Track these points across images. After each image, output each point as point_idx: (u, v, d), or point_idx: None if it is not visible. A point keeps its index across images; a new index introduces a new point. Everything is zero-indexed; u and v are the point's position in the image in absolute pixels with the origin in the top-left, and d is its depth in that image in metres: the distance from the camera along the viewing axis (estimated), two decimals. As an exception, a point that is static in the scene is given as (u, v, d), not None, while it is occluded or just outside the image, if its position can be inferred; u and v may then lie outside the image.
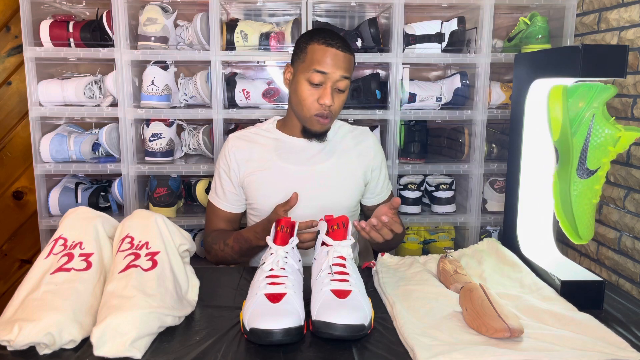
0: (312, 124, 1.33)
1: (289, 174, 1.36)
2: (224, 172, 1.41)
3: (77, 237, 0.99)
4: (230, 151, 1.40)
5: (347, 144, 1.43)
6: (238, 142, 1.41)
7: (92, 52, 1.74)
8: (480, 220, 1.87)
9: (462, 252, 1.26)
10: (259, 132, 1.44)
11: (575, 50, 1.00)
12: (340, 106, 1.34)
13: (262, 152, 1.39)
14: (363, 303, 0.89)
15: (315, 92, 1.30)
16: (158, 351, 0.84)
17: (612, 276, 1.50)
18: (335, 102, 1.31)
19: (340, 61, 1.28)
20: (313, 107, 1.30)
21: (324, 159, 1.39)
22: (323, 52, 1.28)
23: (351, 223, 1.05)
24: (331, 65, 1.27)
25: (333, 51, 1.28)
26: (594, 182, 1.03)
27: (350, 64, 1.32)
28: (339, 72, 1.28)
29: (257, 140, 1.42)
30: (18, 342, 0.81)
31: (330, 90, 1.29)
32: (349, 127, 1.48)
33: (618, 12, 1.52)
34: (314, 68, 1.27)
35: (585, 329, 0.89)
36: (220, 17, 1.76)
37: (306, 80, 1.29)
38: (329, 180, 1.38)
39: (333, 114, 1.33)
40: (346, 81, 1.31)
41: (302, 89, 1.30)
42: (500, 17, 2.01)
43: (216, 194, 1.43)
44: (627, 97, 1.46)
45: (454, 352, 0.80)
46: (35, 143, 1.80)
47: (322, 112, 1.30)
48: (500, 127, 2.00)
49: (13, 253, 2.20)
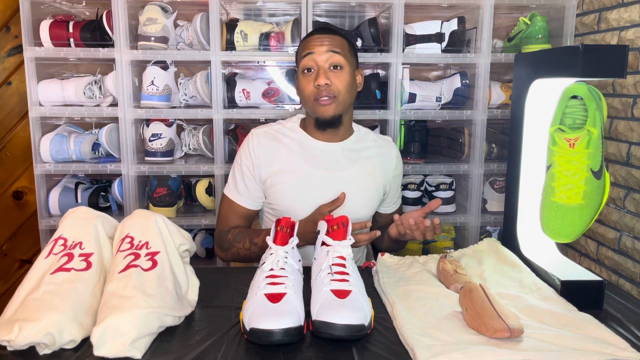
0: (317, 110, 1.32)
1: (312, 178, 1.35)
2: (247, 169, 1.37)
3: (77, 237, 0.99)
4: (255, 148, 1.37)
5: (370, 153, 1.43)
6: (262, 139, 1.38)
7: (92, 52, 1.74)
8: (480, 220, 1.87)
9: (462, 252, 1.26)
10: (283, 130, 1.41)
11: (575, 50, 1.00)
12: (345, 86, 1.31)
13: (287, 153, 1.37)
14: (363, 303, 0.89)
15: (310, 77, 1.31)
16: (158, 351, 0.84)
17: (612, 276, 1.50)
18: (334, 80, 1.29)
19: (324, 40, 1.31)
20: (312, 93, 1.31)
21: (348, 165, 1.38)
22: (306, 40, 1.35)
23: (351, 223, 1.05)
24: (316, 45, 1.31)
25: (315, 36, 1.34)
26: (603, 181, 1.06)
27: (339, 42, 1.33)
28: (324, 48, 1.30)
29: (282, 139, 1.39)
30: (18, 342, 0.81)
31: (322, 70, 1.29)
32: (373, 135, 1.47)
33: (618, 12, 1.52)
34: (302, 55, 1.32)
35: (585, 329, 0.89)
36: (220, 17, 1.76)
37: (301, 71, 1.33)
38: (351, 187, 1.35)
39: (336, 92, 1.30)
40: (338, 56, 1.30)
41: (300, 81, 1.34)
42: (500, 17, 2.01)
43: (237, 190, 1.38)
44: (627, 97, 1.46)
45: (454, 352, 0.80)
46: (35, 143, 1.80)
47: (320, 93, 1.29)
48: (500, 127, 2.00)
49: (13, 253, 2.20)
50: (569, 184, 1.04)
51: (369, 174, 1.40)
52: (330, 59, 1.30)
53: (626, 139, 1.46)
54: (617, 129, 1.49)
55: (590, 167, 1.02)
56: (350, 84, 1.33)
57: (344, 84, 1.31)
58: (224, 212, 1.41)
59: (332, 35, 1.33)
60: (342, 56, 1.31)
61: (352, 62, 1.35)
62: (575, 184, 1.03)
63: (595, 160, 1.02)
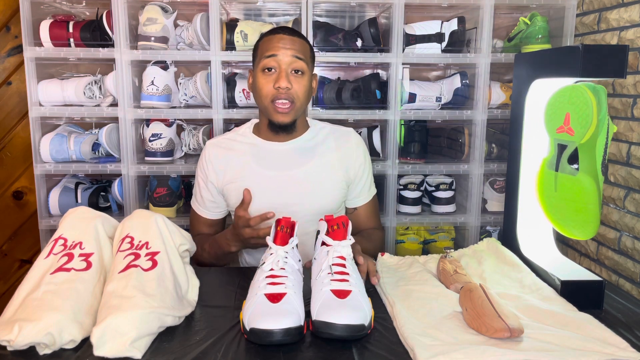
0: (272, 113, 1.30)
1: (266, 180, 1.34)
2: (202, 181, 1.41)
3: (77, 237, 0.99)
4: (208, 160, 1.39)
5: (328, 146, 1.41)
6: (215, 149, 1.40)
7: (92, 52, 1.74)
8: (480, 220, 1.87)
9: (462, 252, 1.26)
10: (236, 137, 1.42)
11: (575, 50, 1.00)
12: (304, 92, 1.30)
13: (239, 159, 1.37)
14: (363, 303, 0.89)
15: (270, 78, 1.28)
16: (158, 351, 0.84)
17: (612, 276, 1.50)
18: (295, 85, 1.28)
19: (287, 43, 1.29)
20: (270, 93, 1.28)
21: (302, 162, 1.37)
22: (269, 39, 1.30)
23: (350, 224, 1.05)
24: (279, 47, 1.28)
25: (279, 36, 1.30)
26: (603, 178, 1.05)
27: (303, 47, 1.31)
28: (289, 52, 1.27)
29: (234, 146, 1.40)
30: (18, 342, 0.81)
31: (285, 73, 1.27)
32: (330, 128, 1.45)
33: (618, 12, 1.52)
34: (264, 55, 1.29)
35: (585, 329, 0.89)
36: (220, 17, 1.76)
37: (261, 70, 1.30)
38: (307, 184, 1.35)
39: (295, 99, 1.29)
40: (301, 62, 1.29)
41: (259, 80, 1.30)
42: (500, 17, 2.01)
43: (196, 200, 1.45)
44: (627, 97, 1.46)
45: (454, 352, 0.80)
46: (35, 143, 1.80)
47: (278, 95, 1.27)
48: (500, 127, 2.00)
49: (13, 253, 2.20)
50: None
51: (326, 167, 1.38)
52: (293, 64, 1.28)
53: (626, 139, 1.46)
54: (617, 129, 1.49)
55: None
56: (309, 90, 1.33)
57: (303, 89, 1.30)
58: (191, 220, 1.49)
59: (296, 38, 1.31)
60: (305, 62, 1.30)
61: (311, 68, 1.35)
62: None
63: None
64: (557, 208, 1.10)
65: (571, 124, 1.04)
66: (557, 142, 1.09)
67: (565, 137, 1.06)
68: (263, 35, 1.36)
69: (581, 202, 1.04)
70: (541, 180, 1.13)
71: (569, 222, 1.08)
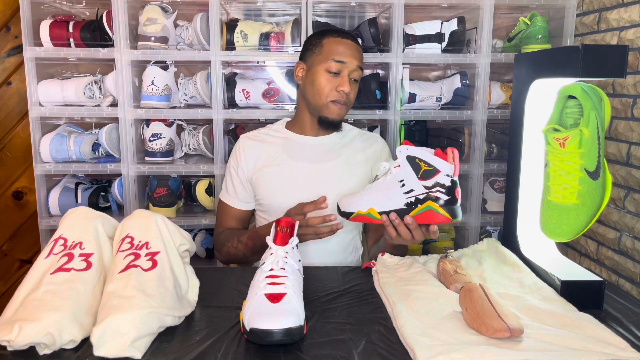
0: (329, 111, 1.39)
1: (296, 171, 1.40)
2: (234, 170, 1.45)
3: (77, 237, 0.99)
4: (241, 149, 1.45)
5: (355, 147, 1.48)
6: (248, 141, 1.47)
7: (92, 52, 1.74)
8: (480, 220, 1.87)
9: (462, 252, 1.26)
10: (269, 132, 1.49)
11: (575, 50, 1.00)
12: (354, 97, 1.42)
13: (271, 150, 1.44)
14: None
15: (333, 80, 1.37)
16: (158, 351, 0.84)
17: (612, 276, 1.50)
18: (352, 91, 1.39)
19: (355, 51, 1.39)
20: (331, 94, 1.37)
21: (330, 157, 1.43)
22: (339, 43, 1.38)
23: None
24: (349, 55, 1.37)
25: (348, 42, 1.39)
26: None
27: (362, 56, 1.42)
28: (355, 62, 1.37)
29: (266, 139, 1.47)
30: (18, 342, 0.81)
31: (347, 79, 1.37)
32: (359, 131, 1.54)
33: (618, 12, 1.52)
34: (333, 58, 1.36)
35: (585, 329, 0.89)
36: (220, 17, 1.76)
37: (325, 70, 1.37)
38: (335, 178, 1.41)
39: (349, 103, 1.40)
40: (360, 72, 1.40)
41: (320, 79, 1.37)
42: (500, 17, 2.01)
43: (227, 192, 1.47)
44: (627, 97, 1.46)
45: (454, 352, 0.80)
46: (35, 143, 1.80)
47: (339, 99, 1.37)
48: (500, 127, 2.00)
49: (13, 253, 2.20)
50: (564, 183, 1.04)
51: (351, 165, 1.44)
52: (355, 73, 1.39)
53: (626, 139, 1.46)
54: (617, 129, 1.49)
55: (585, 167, 1.02)
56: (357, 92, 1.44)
57: (355, 95, 1.42)
58: (219, 215, 1.50)
59: (359, 47, 1.41)
60: (362, 70, 1.41)
61: None
62: (569, 184, 1.03)
63: (589, 160, 1.02)
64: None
65: None
66: None
67: None
68: (327, 33, 1.41)
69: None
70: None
71: None
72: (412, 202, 1.06)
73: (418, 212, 1.06)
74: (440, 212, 1.04)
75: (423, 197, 1.05)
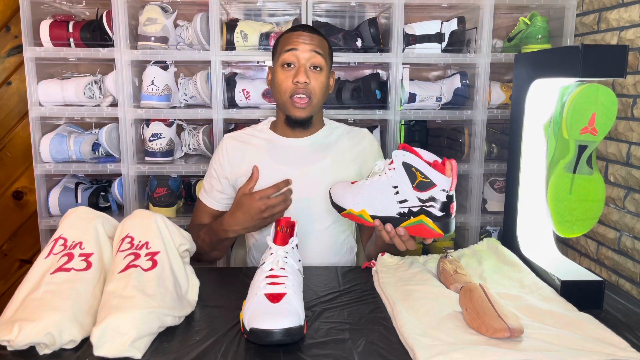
0: (290, 108, 1.33)
1: (281, 175, 1.35)
2: (214, 171, 1.43)
3: (77, 237, 0.99)
4: (224, 151, 1.42)
5: (342, 145, 1.43)
6: (232, 142, 1.43)
7: (92, 52, 1.74)
8: (480, 220, 1.87)
9: (462, 252, 1.26)
10: (253, 132, 1.45)
11: (575, 50, 1.00)
12: (321, 88, 1.33)
13: (255, 153, 1.40)
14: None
15: (289, 73, 1.31)
16: (158, 351, 0.84)
17: (612, 276, 1.50)
18: (312, 80, 1.31)
19: (307, 38, 1.32)
20: (289, 89, 1.31)
21: (317, 159, 1.39)
22: (289, 35, 1.34)
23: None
24: (299, 42, 1.31)
25: (298, 32, 1.33)
26: None
27: (321, 43, 1.34)
28: (307, 47, 1.30)
29: (251, 141, 1.43)
30: (18, 342, 0.81)
31: (303, 69, 1.30)
32: (345, 128, 1.48)
33: (618, 12, 1.52)
34: (284, 49, 1.31)
35: (585, 329, 0.89)
36: (220, 17, 1.76)
37: (280, 66, 1.32)
38: (320, 180, 1.36)
39: (313, 93, 1.32)
40: (319, 57, 1.31)
41: (278, 75, 1.33)
42: (500, 17, 2.01)
43: (204, 190, 1.46)
44: (627, 97, 1.46)
45: (453, 352, 0.80)
46: (35, 143, 1.80)
47: (296, 91, 1.30)
48: (500, 127, 2.00)
49: (13, 253, 2.20)
50: None
51: (340, 165, 1.40)
52: (312, 59, 1.31)
53: (626, 139, 1.46)
54: (617, 129, 1.49)
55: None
56: (325, 86, 1.35)
57: (321, 85, 1.33)
58: (194, 211, 1.49)
59: (315, 35, 1.34)
60: (323, 58, 1.32)
61: (329, 64, 1.38)
62: None
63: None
64: (570, 210, 1.10)
65: (596, 124, 1.05)
66: (577, 144, 1.08)
67: (588, 137, 1.07)
68: (282, 33, 1.39)
69: (593, 200, 1.08)
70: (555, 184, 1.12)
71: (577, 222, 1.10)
72: (404, 213, 1.03)
73: (410, 225, 1.03)
74: (432, 228, 1.00)
75: (417, 211, 1.01)
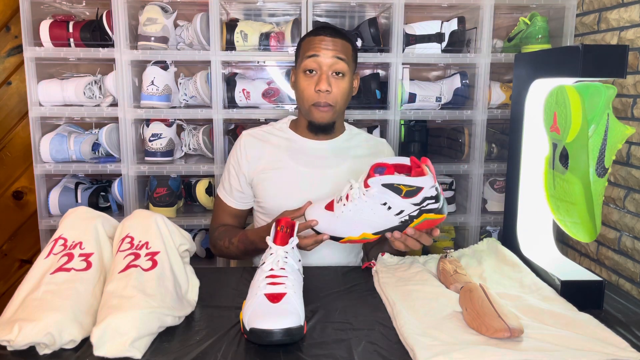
0: (312, 115, 1.33)
1: (299, 175, 1.35)
2: (233, 169, 1.41)
3: (77, 237, 0.99)
4: (243, 148, 1.40)
5: (361, 152, 1.42)
6: (251, 139, 1.41)
7: (92, 52, 1.74)
8: (480, 220, 1.87)
9: (462, 252, 1.26)
10: (272, 131, 1.44)
11: (575, 50, 1.00)
12: (343, 94, 1.32)
13: (274, 152, 1.38)
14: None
15: (312, 80, 1.30)
16: (158, 351, 0.84)
17: (612, 276, 1.50)
18: (334, 88, 1.30)
19: (330, 44, 1.29)
20: (311, 97, 1.31)
21: (337, 163, 1.38)
22: (311, 40, 1.32)
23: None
24: (322, 47, 1.29)
25: (321, 37, 1.30)
26: (605, 180, 1.04)
27: (345, 47, 1.32)
28: (330, 53, 1.28)
29: (270, 139, 1.41)
30: (18, 342, 0.81)
31: (325, 76, 1.29)
32: (365, 136, 1.48)
33: (618, 12, 1.52)
34: (306, 55, 1.30)
35: (585, 329, 0.89)
36: (220, 17, 1.76)
37: (303, 71, 1.31)
38: (337, 184, 1.34)
39: (334, 101, 1.31)
40: (342, 63, 1.30)
41: (301, 81, 1.32)
42: (500, 17, 2.01)
43: (224, 188, 1.43)
44: (627, 97, 1.46)
45: (454, 352, 0.80)
46: (35, 143, 1.80)
47: (319, 101, 1.30)
48: (500, 127, 2.00)
49: (13, 253, 2.20)
50: None
51: (357, 171, 1.37)
52: (334, 65, 1.29)
53: (626, 139, 1.46)
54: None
55: None
56: (348, 91, 1.34)
57: (343, 92, 1.32)
58: (215, 210, 1.47)
59: (338, 39, 1.31)
60: (346, 63, 1.31)
61: (353, 68, 1.36)
62: None
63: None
64: (557, 207, 1.10)
65: (558, 123, 1.06)
66: (552, 141, 1.10)
67: (555, 135, 1.08)
68: (305, 34, 1.37)
69: (570, 202, 1.05)
70: (545, 178, 1.13)
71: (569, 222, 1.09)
72: (406, 221, 1.06)
73: (416, 224, 1.07)
74: (435, 217, 1.07)
75: (417, 214, 1.05)
